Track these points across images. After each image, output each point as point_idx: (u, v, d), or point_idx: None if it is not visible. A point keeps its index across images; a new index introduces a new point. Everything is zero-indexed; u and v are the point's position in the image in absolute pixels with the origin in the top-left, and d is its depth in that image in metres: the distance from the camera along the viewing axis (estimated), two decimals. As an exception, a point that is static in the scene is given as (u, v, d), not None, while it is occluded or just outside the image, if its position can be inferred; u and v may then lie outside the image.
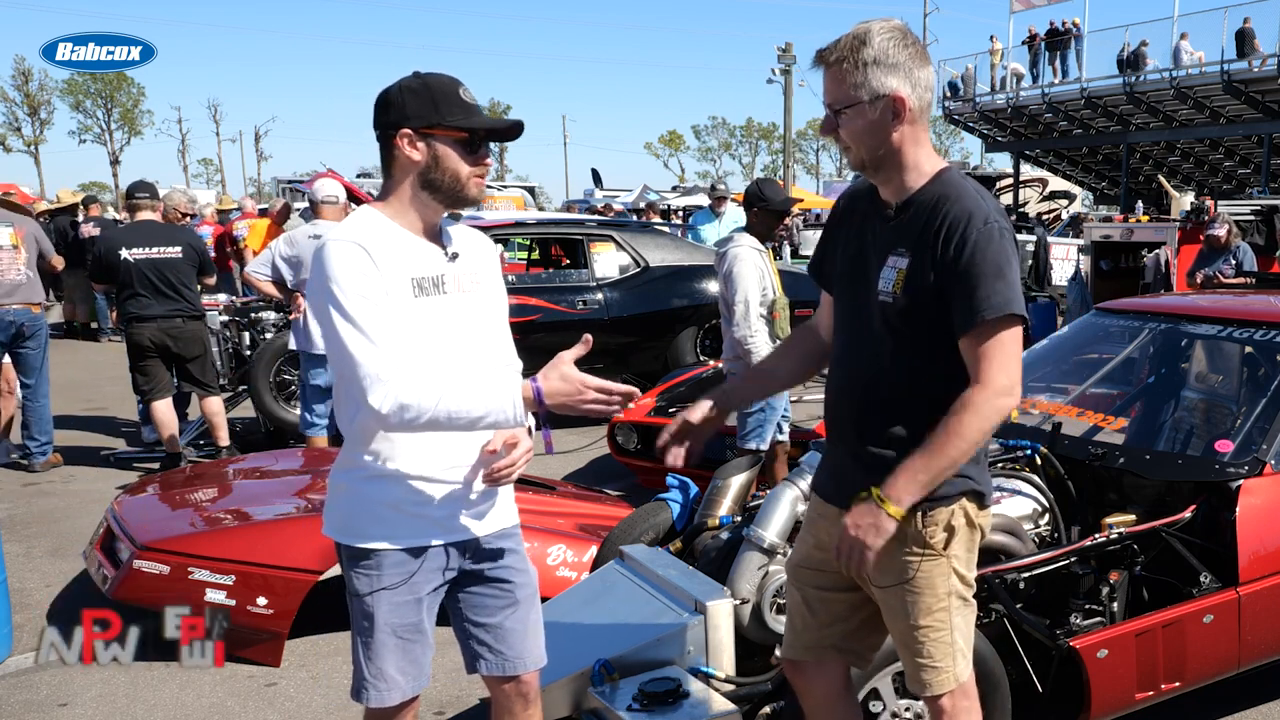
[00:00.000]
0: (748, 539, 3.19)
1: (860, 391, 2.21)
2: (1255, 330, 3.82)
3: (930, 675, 2.21)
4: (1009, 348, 2.04)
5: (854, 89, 2.07)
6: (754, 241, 5.01)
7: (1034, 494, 3.47)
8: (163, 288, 6.53)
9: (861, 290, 2.20)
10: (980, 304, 2.02)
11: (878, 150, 2.11)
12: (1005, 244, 2.06)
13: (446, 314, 2.22)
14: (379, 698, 2.25)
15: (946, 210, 2.08)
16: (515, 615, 2.36)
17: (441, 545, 2.26)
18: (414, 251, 2.19)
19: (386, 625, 2.23)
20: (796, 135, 58.65)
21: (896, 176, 2.15)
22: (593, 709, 2.84)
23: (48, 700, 3.72)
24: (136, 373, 6.61)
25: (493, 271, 2.37)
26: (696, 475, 4.36)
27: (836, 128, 2.13)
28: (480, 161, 2.21)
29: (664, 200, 25.70)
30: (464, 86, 2.21)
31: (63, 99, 57.82)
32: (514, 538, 2.39)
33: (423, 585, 2.26)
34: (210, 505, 4.62)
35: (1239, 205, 13.38)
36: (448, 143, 2.17)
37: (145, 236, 6.60)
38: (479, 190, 2.24)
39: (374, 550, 2.22)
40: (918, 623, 2.18)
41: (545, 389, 2.07)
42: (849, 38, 2.08)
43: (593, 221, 10.38)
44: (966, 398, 2.03)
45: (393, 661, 2.24)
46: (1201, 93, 24.25)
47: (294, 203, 14.88)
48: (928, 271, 2.08)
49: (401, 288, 2.14)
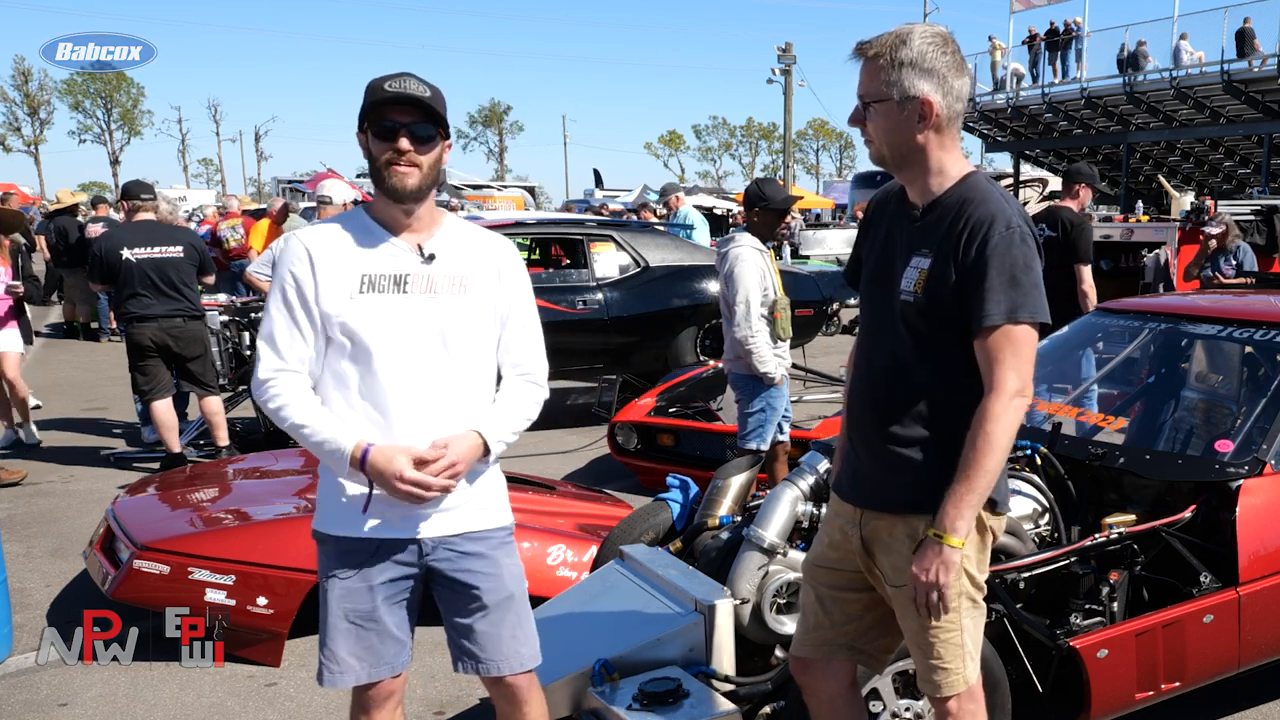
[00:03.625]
0: (748, 539, 3.19)
1: (883, 390, 2.21)
2: (1255, 330, 3.81)
3: (940, 676, 2.22)
4: (1020, 351, 2.06)
5: (886, 86, 2.09)
6: (755, 241, 5.00)
7: (1034, 494, 3.47)
8: (164, 287, 6.54)
9: (885, 290, 2.21)
10: (990, 309, 2.04)
11: (899, 149, 2.14)
12: (1024, 249, 2.07)
13: (401, 312, 2.21)
14: (330, 679, 2.31)
15: (970, 213, 2.10)
16: (487, 619, 2.34)
17: (392, 539, 2.26)
18: (376, 249, 2.22)
19: (338, 609, 2.28)
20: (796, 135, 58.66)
21: (920, 178, 2.17)
22: (593, 709, 2.84)
23: (48, 700, 3.72)
24: (137, 373, 6.60)
25: (490, 276, 2.32)
26: (696, 475, 4.37)
27: (864, 120, 2.15)
28: (391, 146, 2.16)
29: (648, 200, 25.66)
30: (399, 78, 2.18)
31: (63, 99, 57.89)
32: (487, 541, 2.34)
33: (375, 575, 2.27)
34: (210, 505, 4.62)
35: (1239, 205, 13.37)
36: (369, 135, 2.20)
37: (147, 236, 6.60)
38: (397, 179, 2.17)
39: (326, 535, 2.29)
40: (929, 622, 2.19)
41: (371, 457, 2.14)
42: (891, 35, 2.11)
43: (593, 221, 10.38)
44: (984, 409, 2.05)
45: (344, 645, 2.28)
46: (1201, 93, 24.24)
47: (297, 203, 14.87)
48: (949, 273, 2.10)
49: (346, 283, 2.19)
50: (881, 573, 2.25)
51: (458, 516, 2.30)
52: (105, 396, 9.40)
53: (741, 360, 4.94)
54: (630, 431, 6.34)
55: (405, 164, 2.17)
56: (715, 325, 8.43)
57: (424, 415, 2.23)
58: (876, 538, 2.24)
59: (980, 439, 2.04)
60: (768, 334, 4.91)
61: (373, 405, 2.21)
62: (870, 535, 2.25)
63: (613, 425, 6.40)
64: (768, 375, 4.88)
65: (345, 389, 2.23)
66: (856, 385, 2.32)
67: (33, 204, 23.82)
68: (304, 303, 2.19)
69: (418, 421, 2.22)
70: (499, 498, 2.40)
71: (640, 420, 6.30)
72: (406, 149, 2.16)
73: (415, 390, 2.22)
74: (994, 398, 2.05)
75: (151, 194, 6.96)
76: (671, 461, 6.03)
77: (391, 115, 2.16)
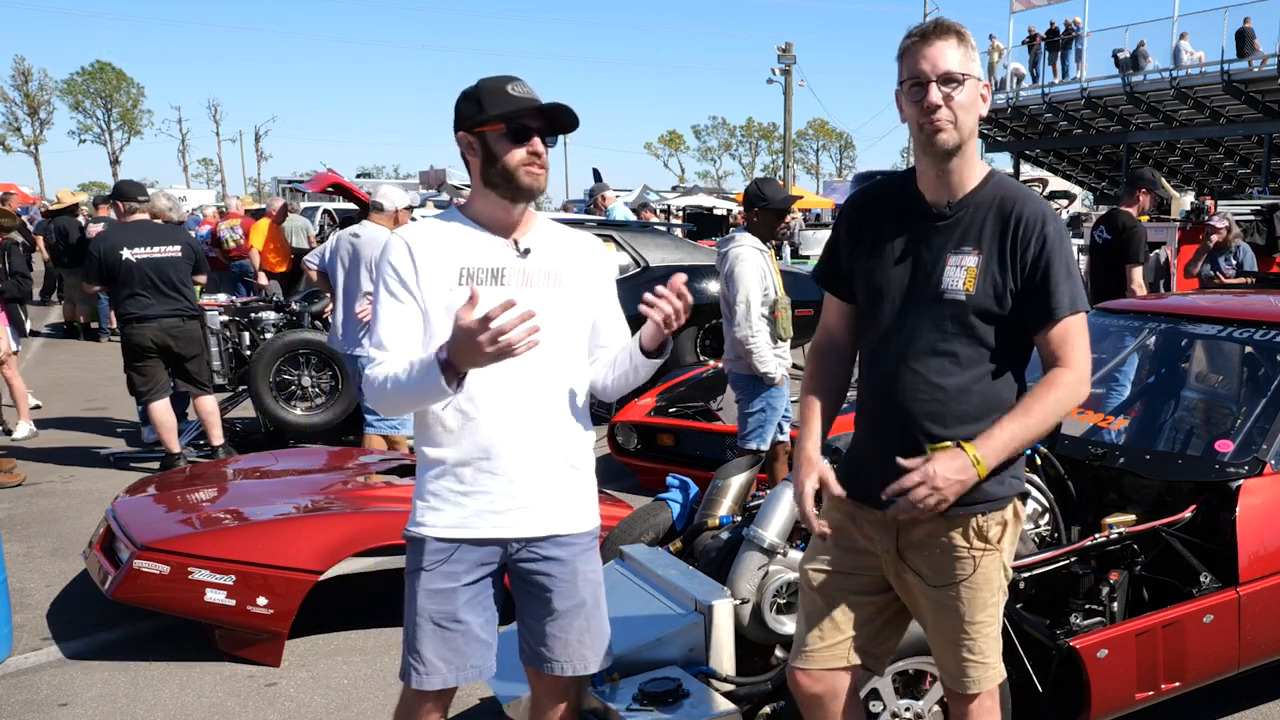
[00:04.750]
0: (748, 539, 3.18)
1: (924, 393, 2.17)
2: (1255, 330, 3.81)
3: (980, 671, 2.23)
4: (1086, 337, 2.17)
5: (970, 63, 2.14)
6: (755, 241, 5.00)
7: (1034, 494, 3.47)
8: (164, 287, 6.53)
9: (915, 291, 2.19)
10: (1062, 300, 2.12)
11: (970, 132, 2.16)
12: (1071, 244, 2.18)
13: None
14: (418, 680, 2.32)
15: (1018, 211, 2.15)
16: (555, 623, 2.36)
17: (481, 540, 2.28)
18: (474, 244, 2.28)
19: (424, 611, 2.29)
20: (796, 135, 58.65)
21: (959, 170, 2.18)
22: (593, 709, 2.83)
23: (48, 700, 3.72)
24: (134, 373, 6.58)
25: (582, 271, 2.38)
26: (696, 475, 4.37)
27: (949, 97, 2.12)
28: (528, 149, 2.23)
29: (664, 200, 25.69)
30: (516, 82, 2.26)
31: (62, 99, 57.85)
32: (571, 548, 2.34)
33: (460, 575, 2.28)
34: (210, 505, 4.62)
35: (1239, 205, 13.38)
36: (494, 137, 2.23)
37: (146, 236, 6.59)
38: (531, 179, 2.25)
39: (415, 536, 2.31)
40: (974, 619, 2.19)
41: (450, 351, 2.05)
42: (954, 22, 2.18)
43: (592, 221, 10.38)
44: (1056, 377, 2.12)
45: (430, 647, 2.30)
46: (1201, 93, 24.25)
47: (297, 203, 14.85)
48: (1003, 269, 2.14)
49: (445, 275, 2.24)
50: (919, 574, 2.22)
51: (547, 518, 2.31)
52: (105, 396, 9.40)
53: (742, 360, 4.94)
54: (630, 431, 6.34)
55: (540, 166, 2.25)
56: (715, 325, 8.42)
57: (515, 406, 2.25)
58: (916, 540, 2.22)
59: (1043, 395, 2.11)
60: (768, 334, 4.91)
61: (465, 395, 2.20)
62: (909, 539, 2.22)
63: (613, 425, 6.40)
64: (768, 375, 4.88)
65: None
66: (878, 393, 2.25)
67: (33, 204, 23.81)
68: (406, 289, 2.24)
69: (509, 412, 2.24)
70: (589, 500, 2.41)
71: (640, 420, 6.29)
72: (542, 151, 2.26)
73: (508, 381, 2.23)
74: (1066, 370, 2.13)
75: (145, 195, 6.95)
76: (671, 461, 6.03)
77: (525, 120, 2.23)
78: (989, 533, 2.20)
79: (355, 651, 4.09)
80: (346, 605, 4.30)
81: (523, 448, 2.26)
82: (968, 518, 2.18)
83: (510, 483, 2.26)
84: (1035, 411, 2.10)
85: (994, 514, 2.20)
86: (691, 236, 15.65)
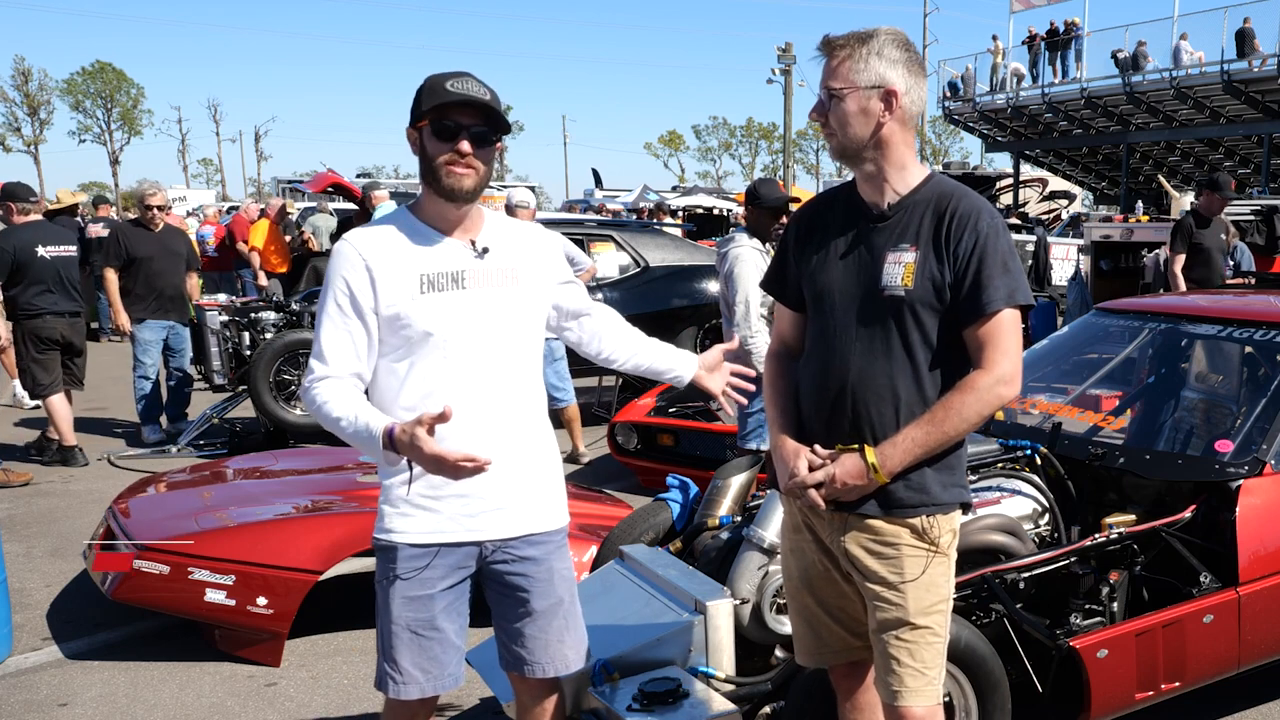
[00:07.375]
0: (748, 539, 3.19)
1: (867, 393, 2.17)
2: (1255, 330, 3.81)
3: (920, 683, 2.18)
4: (1015, 334, 2.13)
5: (853, 74, 2.13)
6: (755, 241, 5.01)
7: (1034, 494, 3.47)
8: (68, 285, 6.97)
9: (856, 293, 2.20)
10: (994, 295, 2.10)
11: (862, 141, 2.16)
12: (1009, 239, 2.16)
13: (464, 308, 2.22)
14: (395, 690, 2.28)
15: (953, 207, 2.14)
16: (534, 624, 2.35)
17: (454, 544, 2.26)
18: (430, 248, 2.23)
19: (400, 619, 2.26)
20: (796, 135, 58.66)
21: (884, 174, 2.19)
22: (593, 709, 2.83)
23: (48, 700, 3.72)
24: (38, 367, 6.91)
25: (536, 264, 2.35)
26: (696, 475, 4.36)
27: (827, 111, 2.17)
28: (451, 148, 2.16)
29: (664, 200, 25.70)
30: (460, 79, 2.18)
31: (62, 99, 57.76)
32: (544, 546, 2.34)
33: (436, 582, 2.26)
34: (210, 505, 4.62)
35: (1239, 205, 13.36)
36: (426, 134, 2.19)
37: (54, 235, 7.01)
38: (452, 180, 2.17)
39: (386, 544, 2.26)
40: (917, 622, 2.17)
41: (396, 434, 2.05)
42: (857, 32, 2.16)
43: (592, 221, 10.38)
44: (970, 380, 2.11)
45: (408, 656, 2.26)
46: (1201, 93, 24.26)
47: (296, 202, 14.85)
48: (940, 262, 2.13)
49: (406, 284, 2.19)
50: (867, 572, 2.21)
51: (521, 517, 2.30)
52: (105, 396, 9.40)
53: (742, 360, 4.94)
54: (630, 431, 6.34)
55: (464, 166, 2.18)
56: (715, 325, 8.42)
57: (485, 408, 2.23)
58: (863, 539, 2.21)
59: (953, 401, 2.10)
60: (768, 334, 4.90)
61: (431, 400, 2.17)
62: (855, 541, 2.21)
63: (613, 425, 6.40)
64: (768, 375, 4.88)
65: (406, 388, 2.22)
66: (819, 397, 2.24)
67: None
68: (357, 308, 2.18)
69: (480, 414, 2.22)
70: (559, 497, 2.40)
71: (640, 420, 6.29)
72: (468, 151, 2.17)
73: (478, 383, 2.22)
74: (983, 373, 2.10)
75: (35, 195, 7.38)
76: (671, 461, 6.03)
77: (453, 116, 2.16)
78: (940, 538, 2.19)
79: (355, 651, 4.09)
80: (346, 605, 4.30)
81: (494, 448, 2.20)
82: (914, 519, 2.17)
83: (484, 484, 2.21)
84: (942, 418, 2.10)
85: (940, 518, 2.19)
86: (691, 236, 15.67)
